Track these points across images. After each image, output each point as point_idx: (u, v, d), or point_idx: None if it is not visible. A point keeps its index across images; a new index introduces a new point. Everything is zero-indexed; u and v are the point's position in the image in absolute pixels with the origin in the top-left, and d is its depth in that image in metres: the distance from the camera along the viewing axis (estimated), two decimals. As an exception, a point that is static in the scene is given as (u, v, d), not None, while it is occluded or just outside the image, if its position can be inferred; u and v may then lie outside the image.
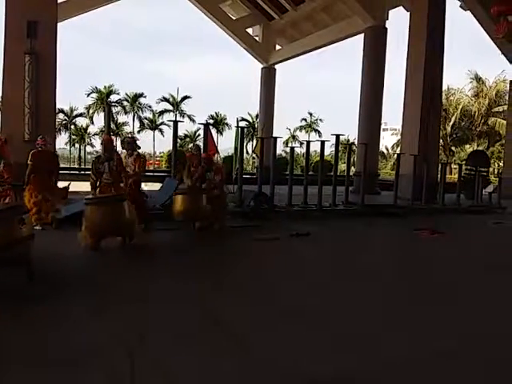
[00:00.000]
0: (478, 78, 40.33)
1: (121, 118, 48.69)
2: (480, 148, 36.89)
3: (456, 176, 18.50)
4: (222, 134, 50.08)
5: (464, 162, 20.01)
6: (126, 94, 48.20)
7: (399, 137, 37.58)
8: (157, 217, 7.27)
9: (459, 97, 41.50)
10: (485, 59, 40.14)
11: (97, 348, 2.69)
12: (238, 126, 12.42)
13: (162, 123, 49.14)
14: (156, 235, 6.59)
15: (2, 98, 11.07)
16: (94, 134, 49.13)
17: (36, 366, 2.47)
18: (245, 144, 36.44)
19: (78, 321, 3.16)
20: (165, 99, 48.34)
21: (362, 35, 18.41)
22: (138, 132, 49.44)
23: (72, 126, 48.69)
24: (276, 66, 25.14)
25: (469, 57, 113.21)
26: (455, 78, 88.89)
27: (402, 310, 3.75)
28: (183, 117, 46.60)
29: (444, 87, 27.36)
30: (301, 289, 4.25)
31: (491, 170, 28.15)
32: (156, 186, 10.61)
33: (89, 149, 51.68)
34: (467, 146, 41.73)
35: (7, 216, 3.83)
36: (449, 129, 40.23)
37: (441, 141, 30.26)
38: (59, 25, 11.55)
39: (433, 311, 3.74)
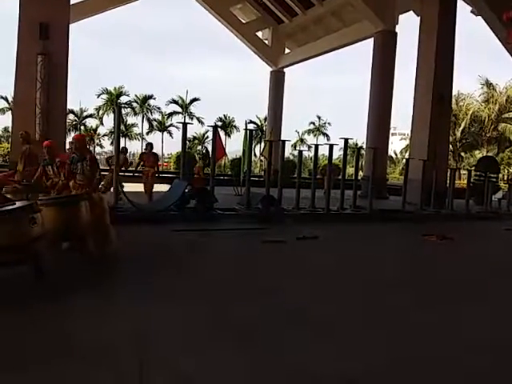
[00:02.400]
0: (488, 84, 40.04)
1: (130, 120, 49.18)
2: (490, 154, 36.61)
3: (465, 182, 18.38)
4: (230, 136, 50.31)
5: (473, 168, 19.87)
6: (136, 96, 48.65)
7: (408, 142, 37.43)
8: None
9: (469, 102, 41.24)
10: (495, 65, 39.79)
11: (105, 346, 2.71)
12: (246, 129, 12.50)
13: (170, 125, 49.47)
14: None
15: (14, 97, 11.24)
16: (104, 135, 49.59)
17: (47, 361, 2.49)
18: (253, 147, 36.54)
19: (84, 318, 3.19)
20: (174, 101, 48.65)
21: (371, 39, 18.41)
22: (147, 133, 49.90)
23: (82, 127, 49.16)
24: (285, 70, 25.19)
25: (479, 62, 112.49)
26: (465, 84, 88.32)
27: (406, 316, 3.73)
28: (192, 119, 46.92)
29: (454, 92, 27.29)
30: (307, 293, 4.24)
31: (501, 176, 27.92)
32: (165, 188, 10.67)
33: (98, 149, 52.21)
34: (477, 152, 41.44)
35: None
36: (458, 134, 39.99)
37: (450, 146, 30.09)
38: (72, 26, 11.71)
39: (436, 317, 3.72)
